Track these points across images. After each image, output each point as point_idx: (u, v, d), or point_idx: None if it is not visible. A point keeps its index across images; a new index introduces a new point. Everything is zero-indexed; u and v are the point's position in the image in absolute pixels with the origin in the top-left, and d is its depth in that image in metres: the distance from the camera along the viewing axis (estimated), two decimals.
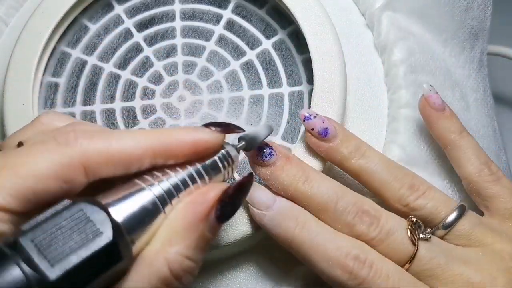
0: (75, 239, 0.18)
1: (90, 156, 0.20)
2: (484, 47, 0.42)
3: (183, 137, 0.22)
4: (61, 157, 0.20)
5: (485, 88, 0.41)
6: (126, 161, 0.21)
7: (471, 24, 0.40)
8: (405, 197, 0.28)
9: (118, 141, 0.21)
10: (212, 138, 0.23)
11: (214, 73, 0.36)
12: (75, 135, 0.20)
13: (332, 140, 0.29)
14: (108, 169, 0.21)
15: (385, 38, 0.36)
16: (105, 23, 0.38)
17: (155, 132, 0.22)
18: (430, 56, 0.37)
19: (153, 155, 0.21)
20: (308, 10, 0.34)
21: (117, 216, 0.19)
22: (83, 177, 0.20)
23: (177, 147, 0.22)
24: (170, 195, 0.21)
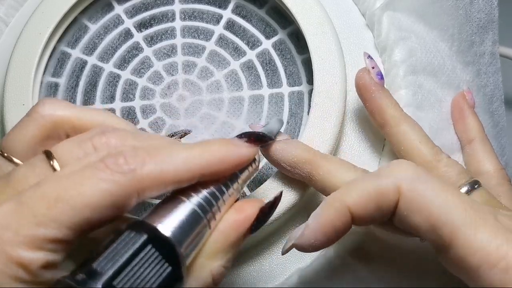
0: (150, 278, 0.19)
1: (145, 184, 0.20)
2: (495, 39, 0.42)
3: (227, 155, 0.22)
4: (117, 187, 0.20)
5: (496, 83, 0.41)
6: (178, 183, 0.22)
7: (478, 17, 0.40)
8: (439, 153, 0.30)
9: (170, 165, 0.21)
10: (251, 153, 0.24)
11: (214, 73, 0.36)
12: (126, 160, 0.20)
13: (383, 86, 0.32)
14: (159, 191, 0.21)
15: (385, 38, 0.36)
16: (105, 23, 0.38)
17: (201, 151, 0.22)
18: (433, 55, 0.36)
19: (201, 176, 0.22)
20: (308, 10, 0.34)
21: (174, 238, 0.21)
22: (135, 201, 0.21)
23: (223, 166, 0.22)
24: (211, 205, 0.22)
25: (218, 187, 0.23)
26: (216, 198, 0.23)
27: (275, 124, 0.29)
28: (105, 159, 0.20)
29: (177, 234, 0.21)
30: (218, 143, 0.23)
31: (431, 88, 0.36)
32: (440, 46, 0.37)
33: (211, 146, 0.22)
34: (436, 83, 0.36)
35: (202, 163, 0.22)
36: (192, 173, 0.21)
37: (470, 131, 0.34)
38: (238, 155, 0.23)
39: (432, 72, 0.36)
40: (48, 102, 0.24)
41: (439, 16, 0.38)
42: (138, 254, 0.19)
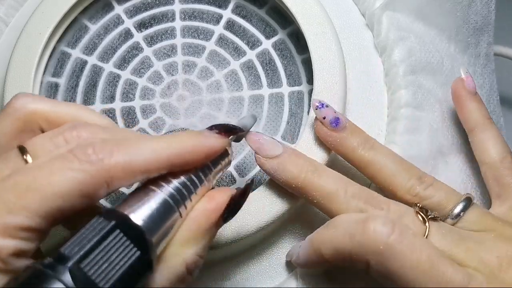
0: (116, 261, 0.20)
1: (113, 173, 0.21)
2: (490, 41, 0.42)
3: (196, 146, 0.23)
4: (85, 176, 0.20)
5: (491, 84, 0.41)
6: (146, 173, 0.22)
7: (475, 20, 0.40)
8: (415, 186, 0.28)
9: (139, 155, 0.21)
10: (221, 144, 0.24)
11: (214, 73, 0.36)
12: (95, 150, 0.21)
13: (342, 130, 0.30)
14: (128, 181, 0.22)
15: (385, 38, 0.36)
16: (105, 23, 0.38)
17: (170, 142, 0.22)
18: (432, 55, 0.37)
19: (171, 166, 0.22)
20: (308, 10, 0.34)
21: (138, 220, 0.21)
22: (105, 191, 0.21)
23: (193, 156, 0.23)
24: (183, 197, 0.23)
25: (189, 177, 0.23)
26: (187, 188, 0.23)
27: (248, 119, 0.29)
28: (74, 150, 0.21)
29: (146, 221, 0.21)
30: (188, 134, 0.23)
31: (431, 88, 0.36)
32: (438, 46, 0.37)
33: (180, 136, 0.23)
34: (435, 83, 0.36)
35: (170, 152, 0.22)
36: (161, 162, 0.22)
37: (470, 120, 0.33)
38: (207, 145, 0.23)
39: (431, 72, 0.36)
40: (21, 96, 0.25)
41: (437, 17, 0.38)
42: (106, 239, 0.20)
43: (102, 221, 0.20)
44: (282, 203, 0.30)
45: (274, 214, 0.30)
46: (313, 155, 0.31)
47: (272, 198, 0.30)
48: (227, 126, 0.25)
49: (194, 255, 0.23)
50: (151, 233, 0.21)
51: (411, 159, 0.33)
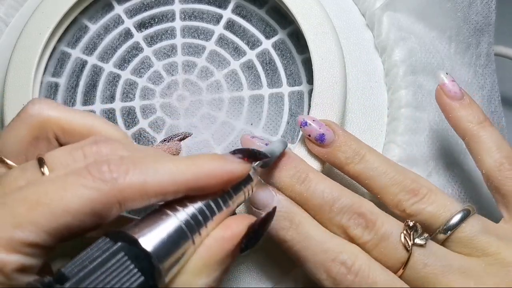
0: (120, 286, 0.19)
1: (126, 193, 0.20)
2: (491, 41, 0.42)
3: (216, 170, 0.22)
4: (98, 195, 0.20)
5: (492, 84, 0.41)
6: (161, 196, 0.21)
7: (475, 20, 0.40)
8: (402, 202, 0.27)
9: (154, 177, 0.21)
10: (243, 170, 0.23)
11: (214, 73, 0.36)
12: (110, 168, 0.20)
13: (329, 145, 0.29)
14: (142, 203, 0.21)
15: (386, 38, 0.36)
16: (105, 23, 0.38)
17: (189, 165, 0.21)
18: (433, 55, 0.37)
19: (188, 190, 0.22)
20: (308, 10, 0.34)
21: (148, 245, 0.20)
22: (116, 211, 0.21)
23: (211, 181, 0.22)
24: (199, 224, 0.22)
25: (207, 203, 0.22)
26: (204, 214, 0.22)
27: (278, 145, 0.27)
28: (89, 166, 0.20)
29: (155, 245, 0.20)
30: (208, 157, 0.22)
31: (431, 89, 0.36)
32: (439, 47, 0.37)
33: (200, 159, 0.22)
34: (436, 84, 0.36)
35: (188, 176, 0.21)
36: (178, 186, 0.21)
37: (459, 129, 0.30)
38: (228, 170, 0.22)
39: (432, 73, 0.36)
40: (37, 102, 0.24)
41: (438, 17, 0.38)
42: (109, 261, 0.19)
43: (107, 241, 0.20)
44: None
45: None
46: (312, 155, 0.31)
47: None
48: (251, 152, 0.24)
49: (205, 286, 0.22)
50: (160, 259, 0.20)
51: (411, 160, 0.33)
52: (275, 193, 0.28)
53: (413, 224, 0.26)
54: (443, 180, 0.34)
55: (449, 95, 0.30)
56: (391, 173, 0.28)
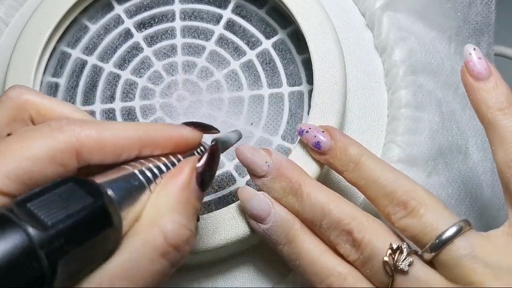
0: (68, 203, 0.19)
1: (83, 142, 0.21)
2: (491, 41, 0.42)
3: (167, 132, 0.24)
4: (55, 142, 0.21)
5: None
6: (116, 149, 0.22)
7: (475, 20, 0.40)
8: (390, 215, 0.26)
9: (109, 130, 0.22)
10: (193, 135, 0.25)
11: (214, 73, 0.36)
12: (68, 122, 0.22)
13: (326, 152, 0.29)
14: (98, 155, 0.22)
15: (386, 38, 0.36)
16: (105, 23, 0.38)
17: (143, 126, 0.23)
18: (433, 55, 0.37)
19: (140, 146, 0.23)
20: (308, 10, 0.34)
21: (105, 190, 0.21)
22: (75, 162, 0.21)
23: (162, 140, 0.24)
24: (154, 175, 0.23)
25: (163, 162, 0.24)
26: (159, 168, 0.23)
27: (233, 134, 0.29)
28: (49, 122, 0.22)
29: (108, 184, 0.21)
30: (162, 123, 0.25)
31: (431, 89, 0.36)
32: (439, 47, 0.37)
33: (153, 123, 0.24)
34: (436, 84, 0.36)
35: (140, 133, 0.23)
36: (131, 140, 0.22)
37: (479, 114, 0.28)
38: (178, 133, 0.24)
39: (432, 73, 0.36)
40: (17, 87, 0.26)
41: (438, 17, 0.38)
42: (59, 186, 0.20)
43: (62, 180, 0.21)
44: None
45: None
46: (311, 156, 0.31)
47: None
48: (200, 123, 0.26)
49: (173, 223, 0.21)
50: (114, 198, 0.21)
51: (411, 160, 0.33)
52: (271, 204, 0.28)
53: (397, 247, 0.25)
54: (443, 180, 0.34)
55: (473, 73, 0.28)
56: (383, 182, 0.27)
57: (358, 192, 0.29)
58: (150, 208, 0.22)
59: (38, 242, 0.18)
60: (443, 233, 0.25)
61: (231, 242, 0.30)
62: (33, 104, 0.25)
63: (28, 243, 0.18)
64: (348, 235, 0.26)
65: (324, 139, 0.29)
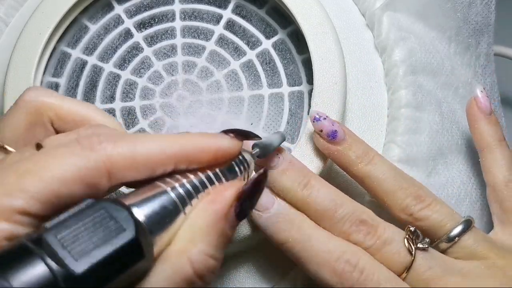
0: (98, 235, 0.18)
1: (115, 161, 0.20)
2: (491, 42, 0.42)
3: (204, 144, 0.22)
4: (86, 162, 0.20)
5: (492, 84, 0.41)
6: (150, 166, 0.21)
7: (475, 20, 0.40)
8: (410, 206, 0.28)
9: (143, 146, 0.21)
10: (232, 145, 0.23)
11: (214, 73, 0.36)
12: (99, 139, 0.20)
13: (340, 143, 0.29)
14: (131, 173, 0.21)
15: (386, 38, 0.36)
16: (105, 23, 0.38)
17: (178, 138, 0.22)
18: (433, 55, 0.37)
19: (176, 161, 0.21)
20: (308, 10, 0.34)
21: (139, 215, 0.20)
22: (106, 182, 0.20)
23: (199, 153, 0.22)
24: (190, 196, 0.21)
25: (198, 178, 0.22)
26: (195, 187, 0.21)
27: (276, 137, 0.27)
28: (79, 138, 0.21)
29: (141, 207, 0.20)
30: (197, 133, 0.22)
31: (431, 89, 0.36)
32: (438, 47, 0.37)
33: (189, 134, 0.22)
34: (436, 84, 0.36)
35: (176, 147, 0.21)
36: (166, 156, 0.21)
37: (480, 141, 0.33)
38: (216, 144, 0.22)
39: (432, 73, 0.36)
40: (34, 89, 0.25)
41: (438, 17, 0.38)
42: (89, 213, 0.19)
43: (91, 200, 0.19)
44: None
45: None
46: (313, 155, 0.31)
47: None
48: (240, 130, 0.24)
49: (201, 254, 0.20)
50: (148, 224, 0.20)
51: (411, 160, 0.33)
52: (275, 197, 0.28)
53: (414, 230, 0.27)
54: (443, 180, 0.34)
55: (480, 106, 0.33)
56: (399, 178, 0.29)
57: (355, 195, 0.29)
58: (183, 233, 0.21)
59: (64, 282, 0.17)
60: (461, 223, 0.28)
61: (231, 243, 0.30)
62: (51, 107, 0.24)
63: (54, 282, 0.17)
64: (362, 225, 0.27)
65: (340, 129, 0.29)
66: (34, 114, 0.24)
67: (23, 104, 0.24)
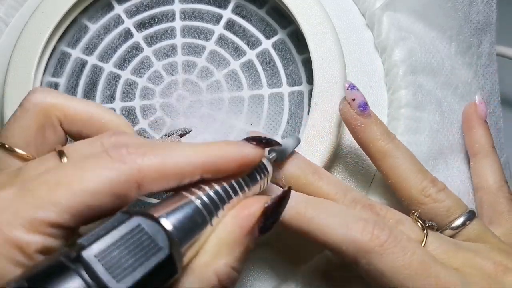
0: (136, 255, 0.19)
1: (145, 173, 0.20)
2: (493, 41, 0.42)
3: (230, 154, 0.22)
4: (117, 175, 0.20)
5: (493, 84, 0.41)
6: (178, 177, 0.21)
7: (476, 19, 0.40)
8: (428, 188, 0.29)
9: (171, 157, 0.21)
10: (256, 154, 0.23)
11: (214, 73, 0.36)
12: (128, 151, 0.21)
13: (368, 116, 0.29)
14: (160, 184, 0.21)
15: (386, 38, 0.36)
16: (105, 23, 0.38)
17: (204, 148, 0.22)
18: (433, 55, 0.37)
19: (203, 171, 0.22)
20: (308, 10, 0.34)
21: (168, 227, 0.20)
22: (136, 193, 0.21)
23: (225, 163, 0.22)
24: (216, 207, 0.22)
25: (223, 187, 0.22)
26: (220, 197, 0.22)
27: (291, 141, 0.28)
28: (108, 150, 0.21)
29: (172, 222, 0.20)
30: (223, 142, 0.23)
31: (431, 89, 0.36)
32: (439, 47, 0.37)
33: (214, 143, 0.22)
34: (435, 84, 0.36)
35: (203, 157, 0.22)
36: (194, 167, 0.21)
37: (475, 145, 0.34)
38: (242, 153, 0.23)
39: (432, 73, 0.36)
40: (38, 90, 0.25)
41: (438, 17, 0.38)
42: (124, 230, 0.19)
43: (124, 215, 0.20)
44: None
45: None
46: (312, 155, 0.31)
47: None
48: (263, 138, 0.25)
49: (226, 266, 0.21)
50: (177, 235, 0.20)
51: None
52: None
53: (418, 215, 0.28)
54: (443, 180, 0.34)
55: (480, 113, 0.35)
56: (417, 161, 0.30)
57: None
58: (210, 246, 0.22)
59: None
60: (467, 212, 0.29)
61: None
62: (59, 107, 0.24)
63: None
64: (371, 208, 0.27)
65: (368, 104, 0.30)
66: (43, 116, 0.24)
67: (29, 106, 0.24)
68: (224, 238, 0.22)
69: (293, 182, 0.28)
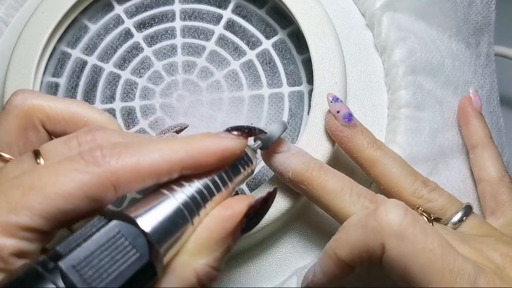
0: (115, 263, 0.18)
1: (119, 175, 0.20)
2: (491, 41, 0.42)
3: (209, 147, 0.22)
4: (91, 178, 0.20)
5: (492, 84, 0.41)
6: (155, 176, 0.21)
7: (475, 19, 0.40)
8: (420, 189, 0.29)
9: (146, 157, 0.20)
10: (237, 145, 0.23)
11: (214, 73, 0.36)
12: (102, 153, 0.20)
13: (353, 127, 0.30)
14: (137, 185, 0.21)
15: (386, 38, 0.36)
16: (105, 23, 0.38)
17: (182, 144, 0.21)
18: (433, 55, 0.37)
19: (182, 168, 0.21)
20: (308, 10, 0.34)
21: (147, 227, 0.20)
22: (112, 195, 0.20)
23: (205, 158, 0.22)
24: (198, 206, 0.21)
25: (205, 184, 0.21)
26: (202, 195, 0.21)
27: (277, 127, 0.27)
28: (82, 152, 0.20)
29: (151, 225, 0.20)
30: (201, 135, 0.22)
31: (431, 88, 0.36)
32: (439, 47, 0.37)
33: (193, 137, 0.22)
34: (435, 83, 0.36)
35: (181, 154, 0.21)
36: (171, 164, 0.21)
37: (473, 137, 0.34)
38: (222, 146, 0.22)
39: (432, 72, 0.36)
40: (20, 92, 0.25)
41: (438, 17, 0.38)
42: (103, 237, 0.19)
43: (102, 219, 0.20)
44: (283, 202, 0.30)
45: (274, 214, 0.30)
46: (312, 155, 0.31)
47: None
48: (245, 127, 0.24)
49: (206, 266, 0.21)
50: (157, 239, 0.20)
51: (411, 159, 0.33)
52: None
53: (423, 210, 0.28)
54: (443, 180, 0.34)
55: (474, 105, 0.35)
56: (406, 164, 0.30)
57: None
58: (190, 246, 0.21)
59: None
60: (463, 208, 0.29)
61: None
62: (40, 108, 0.24)
63: None
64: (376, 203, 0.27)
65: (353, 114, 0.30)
66: (24, 118, 0.24)
67: (11, 109, 0.24)
68: (205, 238, 0.21)
69: (299, 177, 0.28)
